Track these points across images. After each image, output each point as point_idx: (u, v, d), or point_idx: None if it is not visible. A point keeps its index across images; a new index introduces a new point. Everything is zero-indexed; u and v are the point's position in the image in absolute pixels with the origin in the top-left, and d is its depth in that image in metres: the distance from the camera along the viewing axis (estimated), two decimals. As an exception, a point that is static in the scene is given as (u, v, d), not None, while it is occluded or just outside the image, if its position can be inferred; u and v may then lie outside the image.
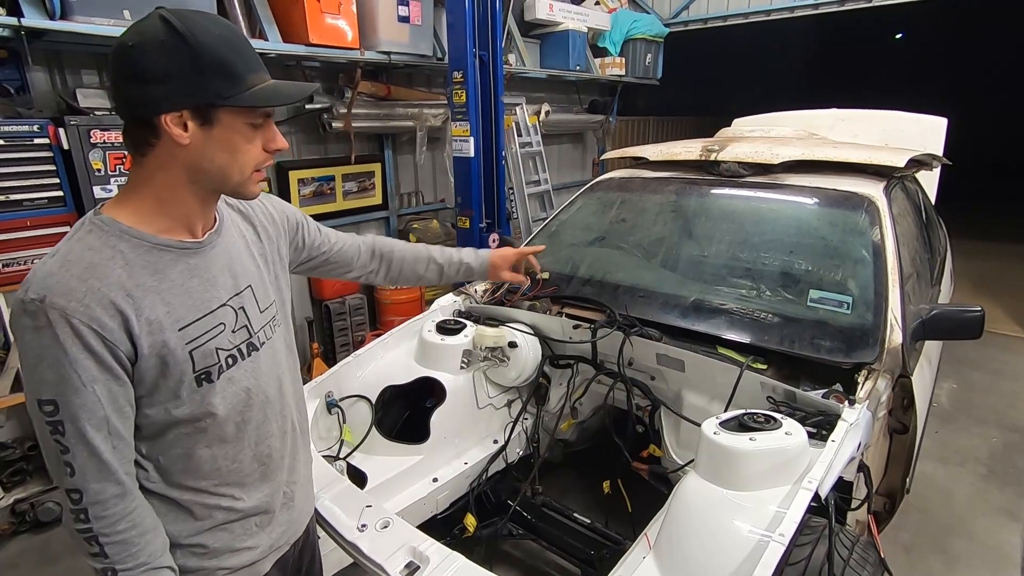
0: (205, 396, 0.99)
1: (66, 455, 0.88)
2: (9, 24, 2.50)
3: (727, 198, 2.56)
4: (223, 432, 1.03)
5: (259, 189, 1.02)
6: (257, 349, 1.07)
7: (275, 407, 1.12)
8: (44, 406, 0.86)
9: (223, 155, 0.92)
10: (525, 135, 5.30)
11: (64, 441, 0.87)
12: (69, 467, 0.88)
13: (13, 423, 2.93)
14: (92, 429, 0.88)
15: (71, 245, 0.89)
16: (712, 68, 9.90)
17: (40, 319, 0.84)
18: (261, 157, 0.97)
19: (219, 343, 1.00)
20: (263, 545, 1.12)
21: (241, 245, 1.10)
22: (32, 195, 2.67)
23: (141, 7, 2.71)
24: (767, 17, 6.19)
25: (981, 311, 1.91)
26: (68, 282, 0.85)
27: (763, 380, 1.81)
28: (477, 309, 2.56)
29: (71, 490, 0.89)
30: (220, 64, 0.88)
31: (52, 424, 0.87)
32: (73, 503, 0.90)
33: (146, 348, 0.90)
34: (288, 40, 3.50)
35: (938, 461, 3.20)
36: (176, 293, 0.95)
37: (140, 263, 0.91)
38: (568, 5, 5.72)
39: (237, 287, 1.05)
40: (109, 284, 0.87)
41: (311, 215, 1.36)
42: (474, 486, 2.26)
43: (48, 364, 0.85)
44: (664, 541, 1.48)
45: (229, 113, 0.91)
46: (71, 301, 0.84)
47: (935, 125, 3.67)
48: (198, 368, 0.97)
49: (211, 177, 0.94)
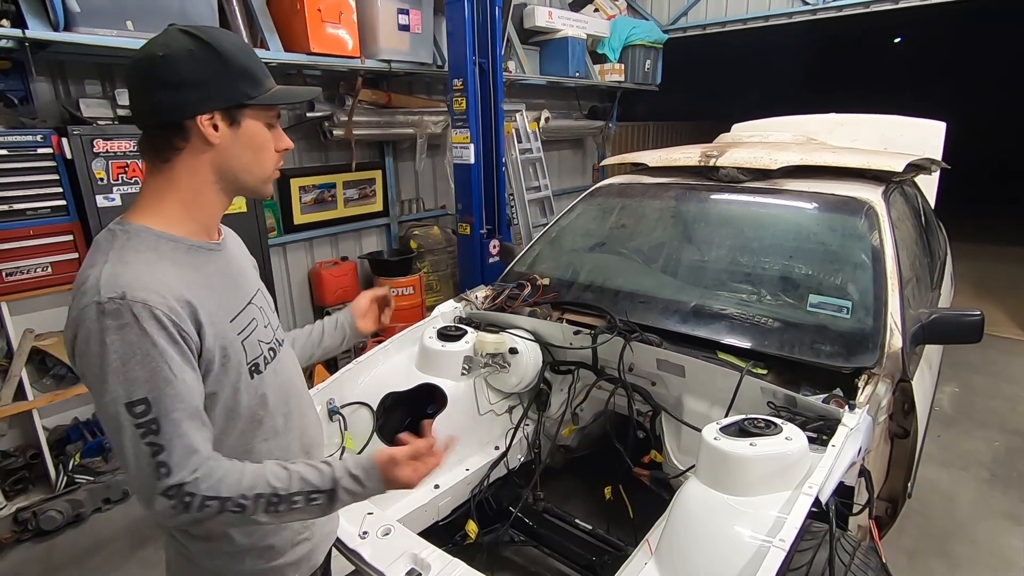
0: (258, 387, 1.03)
1: (160, 455, 0.86)
2: (13, 36, 2.53)
3: (726, 203, 2.57)
4: (275, 423, 1.07)
5: (271, 191, 1.09)
6: (281, 346, 1.14)
7: (307, 399, 1.20)
8: (135, 407, 0.85)
9: (248, 153, 1.00)
10: (525, 141, 5.32)
11: (159, 440, 0.86)
12: (164, 467, 0.86)
13: (16, 432, 2.94)
14: (187, 420, 0.88)
15: (119, 252, 0.91)
16: (711, 74, 9.93)
17: (124, 316, 0.84)
18: (275, 157, 1.05)
19: (260, 335, 1.06)
20: (316, 535, 1.17)
21: (240, 253, 1.15)
22: (35, 204, 2.69)
23: (144, 18, 2.74)
24: (765, 23, 6.22)
25: (981, 315, 1.91)
26: (140, 278, 0.87)
27: (763, 385, 1.81)
28: (478, 315, 2.57)
29: (172, 487, 0.86)
30: (244, 69, 0.97)
31: (144, 425, 0.85)
32: (178, 500, 0.86)
33: (210, 339, 0.94)
34: (289, 49, 3.53)
35: (940, 465, 3.20)
36: (219, 288, 1.00)
37: (184, 262, 0.96)
38: (567, 12, 5.75)
39: (251, 289, 1.11)
40: (171, 279, 0.91)
41: (313, 222, 1.37)
42: (475, 492, 2.26)
43: (138, 360, 0.85)
44: (665, 547, 1.48)
45: (252, 113, 0.99)
46: (151, 294, 0.87)
47: (934, 129, 3.68)
48: (250, 359, 1.02)
49: (236, 175, 1.00)
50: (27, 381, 2.80)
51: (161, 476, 0.86)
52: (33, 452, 2.90)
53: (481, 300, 2.64)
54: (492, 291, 2.67)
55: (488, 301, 2.62)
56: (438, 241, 4.89)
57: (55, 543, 2.74)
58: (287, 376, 1.13)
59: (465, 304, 2.62)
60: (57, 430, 3.04)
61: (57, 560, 2.65)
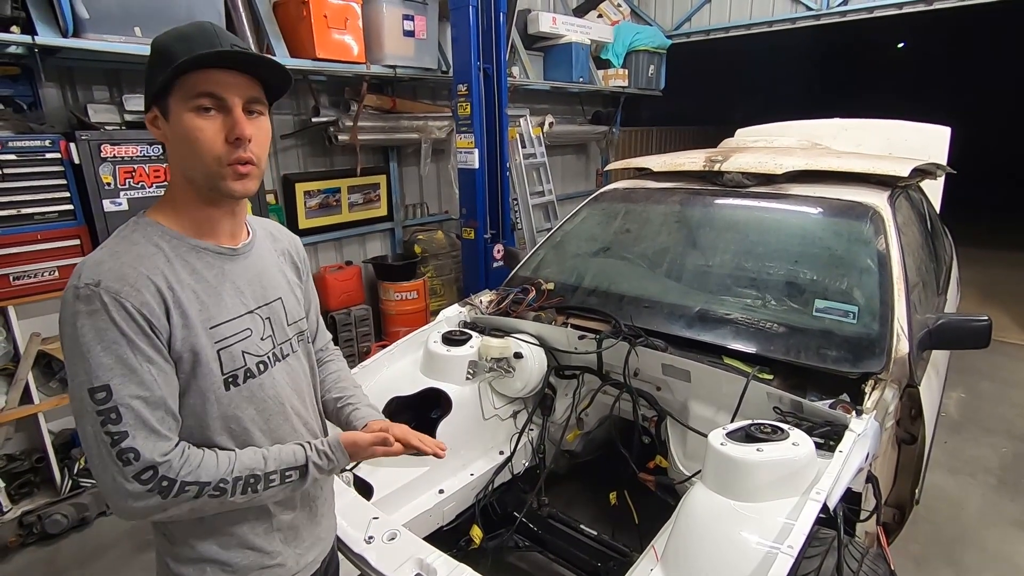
0: (232, 400, 1.00)
1: (124, 440, 0.85)
2: (23, 42, 2.56)
3: (731, 208, 2.57)
4: (252, 439, 1.02)
5: (240, 188, 0.96)
6: (281, 360, 1.09)
7: (300, 418, 1.13)
8: (96, 394, 0.85)
9: (183, 146, 0.93)
10: (529, 146, 5.34)
11: (120, 427, 0.85)
12: (132, 452, 0.86)
13: (22, 435, 2.95)
14: (148, 408, 0.88)
15: (117, 240, 0.95)
16: (715, 79, 9.95)
17: (95, 303, 0.86)
18: (221, 149, 0.93)
19: (246, 347, 1.01)
20: (290, 563, 1.11)
21: (271, 261, 1.13)
22: (43, 209, 2.71)
23: (152, 24, 2.77)
24: (769, 28, 6.23)
25: (988, 320, 1.90)
26: (120, 269, 0.89)
27: (769, 390, 1.81)
28: (482, 320, 2.56)
29: (142, 470, 0.86)
30: (163, 54, 0.92)
31: (104, 413, 0.85)
32: (155, 484, 0.87)
33: (179, 341, 0.93)
34: (295, 55, 3.56)
35: (948, 471, 3.17)
36: (209, 293, 0.98)
37: (179, 261, 0.96)
38: (571, 18, 5.78)
39: (266, 298, 1.08)
40: (155, 273, 0.92)
41: (317, 226, 1.35)
42: (480, 498, 2.26)
43: (104, 346, 0.86)
44: (672, 553, 1.47)
45: (174, 100, 0.92)
46: (124, 286, 0.88)
47: (939, 134, 3.67)
48: (226, 371, 0.98)
49: (185, 171, 0.96)
50: (33, 385, 2.81)
51: (129, 461, 0.86)
52: (38, 456, 2.90)
53: (485, 305, 2.64)
54: (496, 295, 2.67)
55: (492, 306, 2.62)
56: (442, 246, 4.90)
57: (60, 547, 2.74)
58: (275, 393, 1.06)
59: (469, 309, 2.63)
60: (62, 433, 3.05)
61: (62, 564, 2.65)
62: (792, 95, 10.55)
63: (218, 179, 0.95)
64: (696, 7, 6.61)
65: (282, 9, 3.60)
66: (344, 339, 4.32)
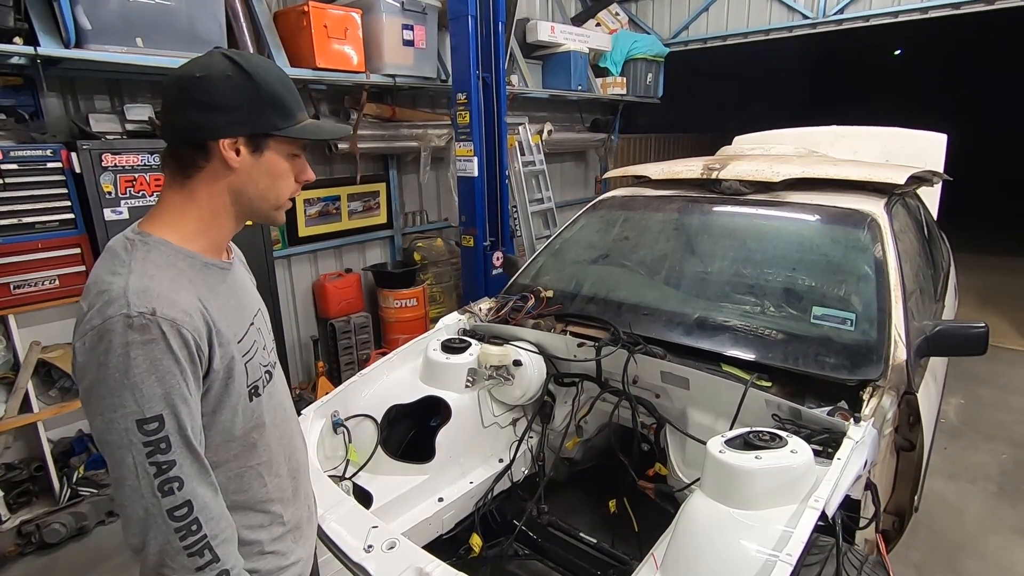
0: (255, 410, 1.03)
1: (171, 470, 0.86)
2: (26, 53, 2.57)
3: (729, 216, 2.58)
4: (268, 447, 1.07)
5: (283, 219, 1.10)
6: (273, 367, 1.14)
7: (295, 423, 1.20)
8: (147, 424, 0.84)
9: (265, 180, 1.01)
10: (528, 154, 5.36)
11: (170, 456, 0.86)
12: (177, 482, 0.86)
13: (20, 444, 2.95)
14: (195, 438, 0.90)
15: (141, 264, 0.90)
16: (712, 87, 10.00)
17: (151, 332, 0.84)
18: (293, 187, 1.07)
19: (259, 359, 1.06)
20: (303, 558, 1.17)
21: (244, 272, 1.17)
22: (44, 218, 2.72)
23: (153, 35, 2.79)
24: (766, 36, 6.27)
25: (985, 327, 1.91)
26: (169, 295, 0.88)
27: (768, 398, 1.81)
28: (482, 328, 2.57)
29: (178, 506, 0.87)
30: (277, 100, 0.99)
31: (154, 443, 0.85)
32: (181, 518, 0.87)
33: (218, 361, 0.94)
34: (296, 64, 3.58)
35: (947, 478, 3.17)
36: (228, 309, 1.00)
37: (199, 280, 0.96)
38: (569, 27, 5.82)
39: (253, 309, 1.11)
40: (193, 296, 0.92)
41: (317, 234, 1.36)
42: (479, 506, 2.26)
43: (158, 377, 0.85)
44: (671, 561, 1.47)
45: (277, 143, 1.01)
46: (179, 313, 0.88)
47: (935, 141, 3.70)
48: (251, 381, 1.02)
49: (250, 200, 1.02)
50: (33, 393, 2.81)
51: (172, 492, 0.86)
52: (37, 464, 2.90)
53: (485, 312, 2.64)
54: (496, 303, 2.68)
55: (492, 313, 2.62)
56: (442, 253, 4.91)
57: (58, 556, 2.73)
58: (279, 400, 1.13)
59: (469, 316, 2.63)
60: (61, 442, 3.04)
61: (60, 573, 2.65)
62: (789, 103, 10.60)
63: (280, 211, 1.07)
64: (694, 16, 6.66)
65: (283, 19, 3.63)
66: (343, 347, 4.32)
